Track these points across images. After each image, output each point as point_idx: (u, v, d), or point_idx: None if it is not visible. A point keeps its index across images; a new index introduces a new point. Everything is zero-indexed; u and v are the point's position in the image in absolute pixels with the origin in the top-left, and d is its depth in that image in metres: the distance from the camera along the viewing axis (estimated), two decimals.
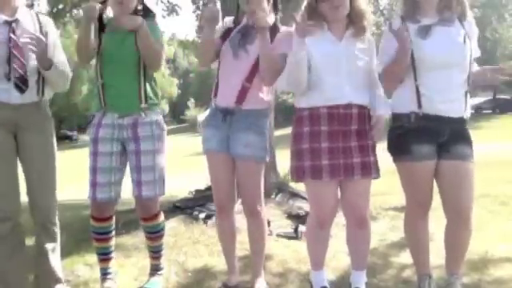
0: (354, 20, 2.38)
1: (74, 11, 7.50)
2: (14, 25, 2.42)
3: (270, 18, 2.45)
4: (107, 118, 2.57)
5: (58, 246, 2.67)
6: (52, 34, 2.59)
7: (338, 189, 2.46)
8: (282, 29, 2.53)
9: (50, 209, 2.58)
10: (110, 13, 2.64)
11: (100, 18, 2.56)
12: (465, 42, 2.35)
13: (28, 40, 2.37)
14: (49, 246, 2.60)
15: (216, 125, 2.54)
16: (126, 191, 2.68)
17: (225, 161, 2.56)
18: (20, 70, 2.41)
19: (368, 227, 2.54)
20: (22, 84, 2.42)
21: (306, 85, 2.36)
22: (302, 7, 2.44)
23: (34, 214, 2.57)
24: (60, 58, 2.58)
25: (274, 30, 2.47)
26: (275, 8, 2.56)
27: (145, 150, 2.57)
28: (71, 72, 2.67)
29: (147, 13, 2.63)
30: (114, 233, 2.78)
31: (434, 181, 2.46)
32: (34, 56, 2.44)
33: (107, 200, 2.57)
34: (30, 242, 2.67)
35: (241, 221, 2.88)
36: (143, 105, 2.58)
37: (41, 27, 2.53)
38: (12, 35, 2.40)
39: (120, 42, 2.55)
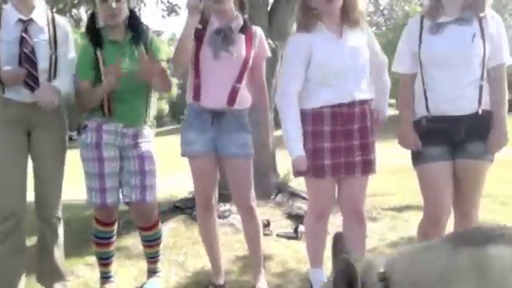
0: (347, 12, 2.38)
1: (74, 11, 7.50)
2: (27, 24, 2.43)
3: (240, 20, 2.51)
4: (109, 126, 2.53)
5: (61, 242, 2.68)
6: (65, 39, 2.58)
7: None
8: (258, 30, 2.56)
9: (55, 205, 2.60)
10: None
11: (94, 29, 2.54)
12: (473, 40, 2.28)
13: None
14: (52, 242, 2.62)
15: (201, 127, 2.51)
16: None
17: (210, 162, 2.56)
18: (31, 69, 2.42)
19: (364, 222, 2.57)
20: (32, 83, 2.43)
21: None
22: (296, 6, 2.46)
23: (40, 210, 2.59)
24: (65, 77, 2.56)
25: (248, 33, 2.51)
26: (242, 8, 2.57)
27: (147, 156, 2.59)
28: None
29: (136, 22, 2.60)
30: (115, 238, 2.79)
31: None
32: (45, 55, 2.46)
33: (116, 204, 2.58)
34: (32, 241, 2.67)
35: (241, 221, 2.88)
36: (147, 119, 2.64)
37: (55, 31, 2.53)
38: (24, 34, 2.41)
39: (127, 57, 2.53)
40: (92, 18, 2.59)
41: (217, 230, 2.76)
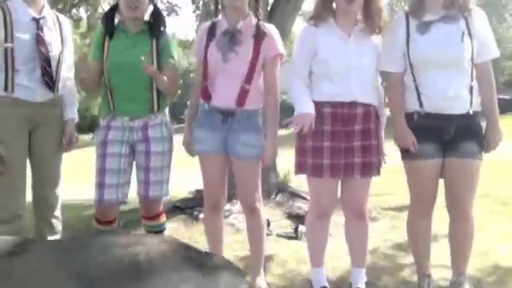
0: (371, 17, 2.39)
1: (74, 11, 7.50)
2: (41, 22, 2.45)
3: (253, 20, 2.50)
4: (117, 122, 2.56)
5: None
6: (68, 37, 2.64)
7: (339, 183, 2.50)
8: (269, 29, 2.53)
9: (54, 203, 2.62)
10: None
11: (111, 21, 2.57)
12: (463, 40, 2.30)
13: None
14: (51, 238, 2.61)
15: (212, 126, 2.50)
16: (130, 190, 2.67)
17: (220, 161, 2.56)
18: (47, 68, 2.44)
19: (366, 221, 2.57)
20: (49, 81, 2.46)
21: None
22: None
23: (39, 209, 2.59)
24: (68, 72, 2.66)
25: (258, 32, 2.48)
26: (257, 10, 2.56)
27: (154, 151, 2.58)
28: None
29: (158, 17, 2.62)
30: None
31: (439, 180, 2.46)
32: (55, 54, 2.50)
33: (113, 201, 2.57)
34: None
35: (242, 221, 2.88)
36: (155, 109, 2.60)
37: (61, 29, 2.57)
38: (40, 32, 2.42)
39: (131, 47, 2.53)
40: (114, 8, 2.60)
41: (222, 231, 2.75)
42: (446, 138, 2.36)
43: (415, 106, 2.38)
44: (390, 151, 2.56)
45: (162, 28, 2.62)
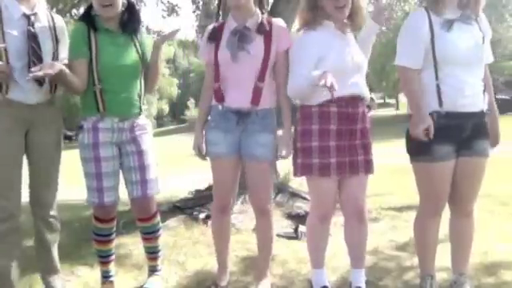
0: (353, 16, 2.45)
1: (74, 11, 7.51)
2: (32, 18, 2.42)
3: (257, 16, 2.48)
4: (105, 123, 2.53)
5: (57, 238, 2.69)
6: (63, 34, 2.59)
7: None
8: (277, 22, 2.52)
9: (51, 204, 2.61)
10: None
11: (89, 16, 2.54)
12: (483, 41, 2.37)
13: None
14: (50, 238, 2.63)
15: (226, 128, 2.49)
16: (125, 192, 2.68)
17: (233, 164, 2.55)
18: (38, 64, 2.38)
19: (365, 221, 2.58)
20: (41, 78, 2.39)
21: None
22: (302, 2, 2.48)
23: (37, 209, 2.59)
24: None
25: (262, 26, 2.45)
26: (261, 5, 2.54)
27: (146, 150, 2.60)
28: None
29: (132, 13, 2.60)
30: (114, 235, 2.79)
31: None
32: (49, 51, 2.45)
33: (114, 203, 2.60)
34: (28, 241, 2.68)
35: (242, 221, 2.88)
36: (143, 108, 2.64)
37: (55, 27, 2.54)
38: (31, 29, 2.40)
39: (121, 47, 2.54)
40: (90, 7, 2.57)
41: (229, 232, 2.75)
42: (463, 137, 2.36)
43: (434, 106, 2.34)
44: (391, 151, 2.56)
45: (134, 21, 2.60)
